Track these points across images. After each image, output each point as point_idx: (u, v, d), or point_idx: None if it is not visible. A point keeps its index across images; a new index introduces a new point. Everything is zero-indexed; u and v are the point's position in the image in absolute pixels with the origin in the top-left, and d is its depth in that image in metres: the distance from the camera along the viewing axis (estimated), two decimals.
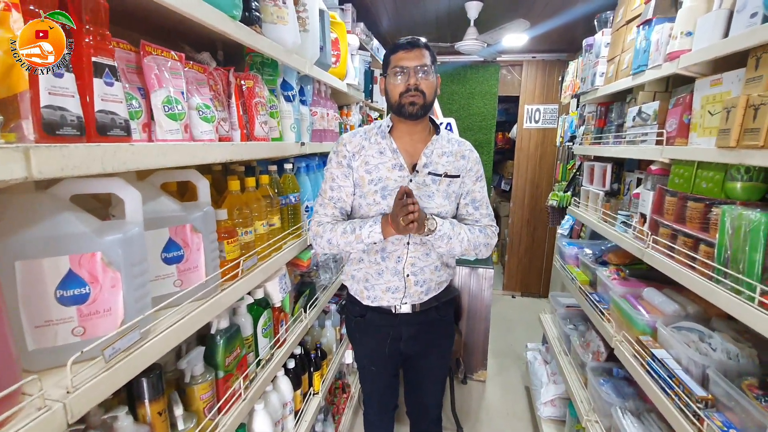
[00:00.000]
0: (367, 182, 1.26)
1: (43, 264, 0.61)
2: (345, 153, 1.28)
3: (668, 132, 1.35)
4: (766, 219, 0.88)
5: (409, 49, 1.20)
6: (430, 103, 1.24)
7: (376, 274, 1.32)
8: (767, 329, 0.84)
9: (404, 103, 1.21)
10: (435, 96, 1.25)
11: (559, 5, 2.64)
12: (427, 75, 1.20)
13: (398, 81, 1.20)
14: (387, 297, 1.33)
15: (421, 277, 1.31)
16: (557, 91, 3.91)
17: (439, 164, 1.28)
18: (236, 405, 1.10)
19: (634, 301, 1.47)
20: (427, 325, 1.39)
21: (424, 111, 1.23)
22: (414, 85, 1.19)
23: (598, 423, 1.57)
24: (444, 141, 1.32)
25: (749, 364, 1.06)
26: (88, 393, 0.61)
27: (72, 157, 0.55)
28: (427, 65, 1.20)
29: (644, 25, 1.49)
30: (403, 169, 1.26)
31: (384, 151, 1.27)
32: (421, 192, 1.25)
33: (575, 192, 2.60)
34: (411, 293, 1.33)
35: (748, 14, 0.98)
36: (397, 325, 1.37)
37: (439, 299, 1.39)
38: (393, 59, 1.22)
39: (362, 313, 1.40)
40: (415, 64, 1.19)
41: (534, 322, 3.42)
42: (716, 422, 0.95)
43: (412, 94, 1.19)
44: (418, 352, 1.44)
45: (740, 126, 0.94)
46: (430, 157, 1.28)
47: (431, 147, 1.28)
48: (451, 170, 1.29)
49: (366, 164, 1.27)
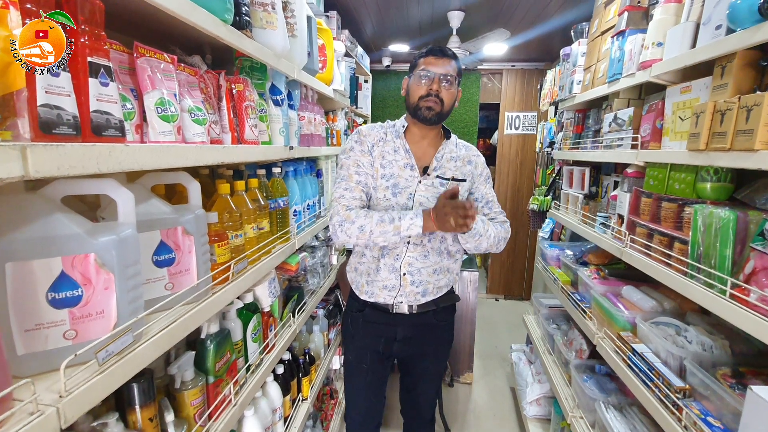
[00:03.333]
0: (381, 176, 1.29)
1: (35, 266, 0.60)
2: (364, 140, 1.31)
3: (643, 137, 1.42)
4: (734, 216, 0.94)
5: (439, 56, 1.23)
6: (447, 112, 1.26)
7: (375, 270, 1.33)
8: (738, 320, 0.89)
9: (422, 107, 1.23)
10: (452, 107, 1.28)
11: (537, 16, 2.75)
12: (450, 85, 1.23)
13: (421, 84, 1.23)
14: (383, 294, 1.34)
15: (418, 277, 1.32)
16: (536, 98, 4.03)
17: (447, 168, 1.32)
18: (226, 411, 1.08)
19: (614, 299, 1.53)
20: (423, 328, 1.40)
21: (439, 119, 1.26)
22: (435, 91, 1.21)
23: (583, 419, 1.61)
24: (452, 146, 1.36)
25: (722, 355, 1.12)
26: (82, 397, 0.59)
27: (68, 156, 0.55)
28: (452, 75, 1.23)
29: (618, 36, 1.57)
30: (414, 170, 1.30)
31: (398, 150, 1.31)
32: (429, 193, 1.29)
33: (555, 196, 2.69)
34: (406, 292, 1.33)
35: (713, 26, 1.06)
36: (393, 324, 1.38)
37: (438, 303, 1.38)
38: (421, 62, 1.24)
39: (361, 308, 1.41)
40: (441, 72, 1.21)
41: (517, 324, 3.49)
42: (694, 411, 1.00)
43: (432, 99, 1.22)
44: (412, 354, 1.44)
45: (709, 130, 1.01)
46: (440, 161, 1.32)
47: (442, 152, 1.32)
48: (458, 174, 1.33)
49: (382, 158, 1.30)
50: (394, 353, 1.43)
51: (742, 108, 0.90)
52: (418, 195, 1.29)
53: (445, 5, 2.62)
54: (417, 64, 1.26)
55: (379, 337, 1.40)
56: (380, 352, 1.42)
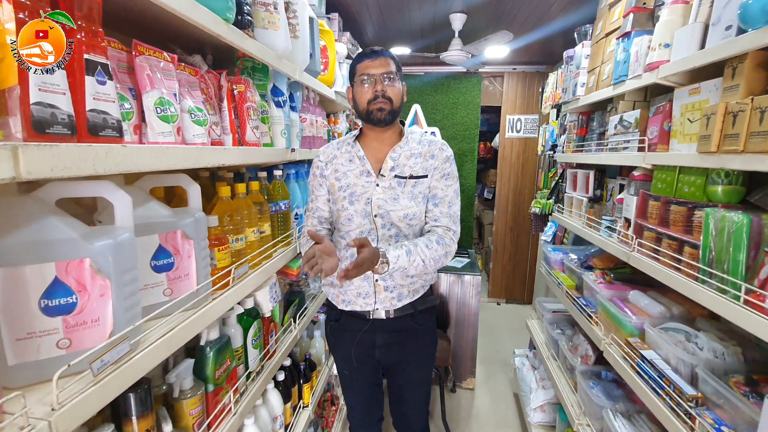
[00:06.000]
0: (337, 189, 1.31)
1: (27, 271, 0.57)
2: (318, 164, 1.35)
3: (650, 139, 1.40)
4: (748, 220, 0.92)
5: (374, 58, 1.23)
6: (398, 108, 1.26)
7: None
8: (752, 327, 0.86)
9: (372, 110, 1.23)
10: (402, 102, 1.28)
11: (539, 18, 2.74)
12: (393, 82, 1.23)
13: (365, 88, 1.23)
14: (359, 302, 1.33)
15: (390, 282, 1.31)
16: (537, 101, 4.02)
17: (406, 166, 1.29)
18: (226, 420, 1.06)
19: (621, 304, 1.50)
20: (402, 333, 1.37)
21: (393, 117, 1.26)
22: (381, 91, 1.21)
23: (590, 426, 1.58)
24: (414, 143, 1.32)
25: (735, 362, 1.09)
26: (75, 410, 0.57)
27: (62, 157, 0.52)
28: (392, 72, 1.23)
29: (623, 38, 1.55)
30: (370, 175, 1.29)
31: (353, 159, 1.31)
32: (387, 195, 1.27)
33: (558, 199, 2.67)
34: (381, 299, 1.32)
35: (723, 27, 1.04)
36: (371, 330, 1.36)
37: (415, 306, 1.36)
38: (359, 68, 1.25)
39: (337, 318, 1.40)
40: (380, 72, 1.22)
41: (520, 328, 3.46)
42: (707, 420, 0.97)
43: (380, 100, 1.22)
44: (395, 361, 1.42)
45: (720, 132, 0.98)
46: (397, 160, 1.29)
47: (399, 150, 1.30)
48: (418, 171, 1.29)
49: (336, 172, 1.32)
50: (378, 360, 1.41)
51: (756, 109, 0.88)
52: (375, 198, 1.27)
53: (447, 8, 2.61)
54: (355, 71, 1.26)
55: (358, 345, 1.38)
56: (363, 361, 1.40)
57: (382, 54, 1.24)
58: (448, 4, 2.55)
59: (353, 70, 1.28)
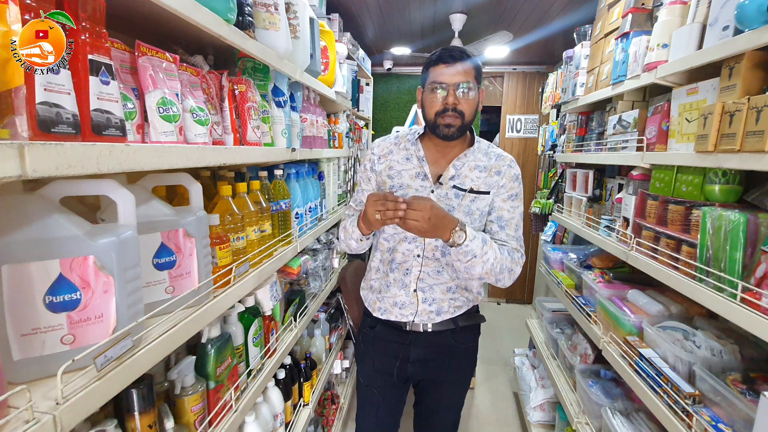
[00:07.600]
0: (389, 187, 1.20)
1: (32, 268, 0.58)
2: (371, 157, 1.27)
3: (648, 139, 1.41)
4: (744, 219, 0.93)
5: (451, 63, 1.07)
6: (469, 122, 1.13)
7: (385, 285, 1.25)
8: (749, 325, 0.87)
9: (440, 124, 1.10)
10: (476, 114, 1.14)
11: (539, 19, 2.75)
12: (469, 93, 1.08)
13: (436, 98, 1.09)
14: (395, 311, 1.25)
15: (430, 295, 1.21)
16: (537, 101, 4.03)
17: (467, 178, 1.17)
18: (227, 417, 1.06)
19: (619, 303, 1.51)
20: (440, 350, 1.27)
21: (461, 133, 1.13)
22: (452, 104, 1.07)
23: (589, 425, 1.59)
24: (480, 154, 1.20)
25: (732, 360, 1.10)
26: (79, 404, 0.57)
27: (67, 155, 0.53)
28: (470, 82, 1.08)
29: (622, 38, 1.56)
30: (426, 179, 1.18)
31: (410, 158, 1.20)
32: (441, 205, 1.11)
33: (558, 199, 2.67)
34: (419, 311, 1.22)
35: (720, 27, 1.05)
36: (407, 343, 1.26)
37: (457, 322, 1.25)
38: (432, 72, 1.10)
39: (373, 325, 1.32)
40: (455, 81, 1.07)
41: (520, 328, 3.47)
42: (704, 417, 0.98)
43: (450, 114, 1.08)
44: (428, 379, 1.33)
45: (717, 131, 0.99)
46: (460, 169, 1.18)
47: (463, 159, 1.18)
48: (480, 186, 1.17)
49: (390, 168, 1.22)
50: (409, 376, 1.31)
51: (752, 109, 0.89)
52: None
53: (447, 8, 2.62)
54: (428, 75, 1.11)
55: (391, 357, 1.28)
56: (393, 375, 1.30)
57: (461, 60, 1.07)
58: (448, 5, 2.56)
59: (426, 72, 1.13)
